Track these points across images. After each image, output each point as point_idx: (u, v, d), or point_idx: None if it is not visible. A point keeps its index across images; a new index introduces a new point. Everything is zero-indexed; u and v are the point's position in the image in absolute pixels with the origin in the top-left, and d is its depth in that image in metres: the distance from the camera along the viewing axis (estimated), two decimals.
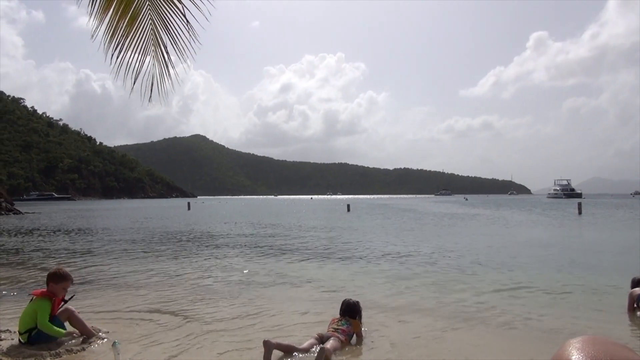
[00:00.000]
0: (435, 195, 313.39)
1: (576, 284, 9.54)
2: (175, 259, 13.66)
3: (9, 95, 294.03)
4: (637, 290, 7.06)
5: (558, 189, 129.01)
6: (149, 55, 4.05)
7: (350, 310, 5.76)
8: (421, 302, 7.71)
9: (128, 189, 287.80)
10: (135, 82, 3.94)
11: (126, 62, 3.94)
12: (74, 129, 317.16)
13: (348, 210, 50.34)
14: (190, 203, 73.16)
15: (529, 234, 22.73)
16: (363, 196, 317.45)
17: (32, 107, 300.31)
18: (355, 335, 5.62)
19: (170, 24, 3.99)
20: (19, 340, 5.26)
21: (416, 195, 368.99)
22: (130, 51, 3.97)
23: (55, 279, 5.40)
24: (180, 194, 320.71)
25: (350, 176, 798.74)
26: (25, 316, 5.30)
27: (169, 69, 4.06)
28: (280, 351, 4.89)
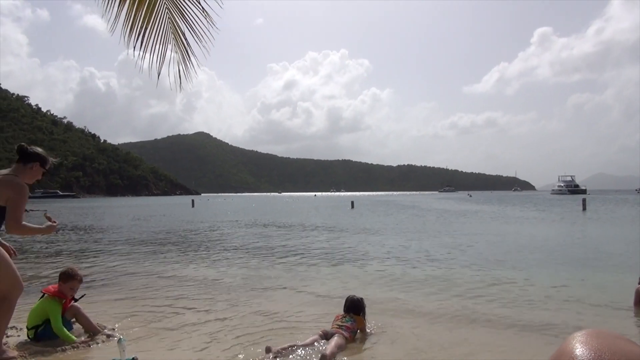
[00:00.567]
0: (439, 191, 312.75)
1: (581, 279, 9.52)
2: (181, 258, 13.71)
3: (14, 94, 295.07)
4: None
5: (562, 185, 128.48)
6: (169, 44, 4.09)
7: (355, 307, 5.75)
8: (425, 301, 7.71)
9: (132, 187, 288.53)
10: (160, 73, 4.00)
11: (147, 53, 3.97)
12: (77, 127, 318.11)
13: (352, 207, 50.35)
14: (194, 200, 73.31)
15: (533, 230, 22.66)
16: (367, 193, 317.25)
17: (37, 105, 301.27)
18: (359, 332, 5.62)
19: (187, 11, 4.02)
20: (27, 336, 5.29)
21: (420, 192, 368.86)
22: (151, 42, 4.00)
23: (64, 278, 5.42)
24: (184, 192, 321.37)
25: (354, 173, 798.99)
26: (34, 313, 5.31)
27: (190, 56, 4.11)
28: (283, 354, 4.84)
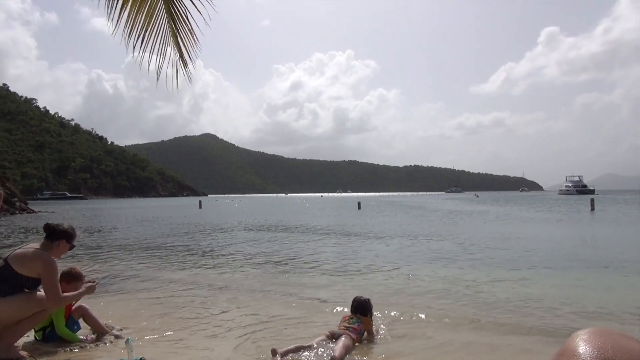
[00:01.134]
0: (446, 192, 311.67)
1: (590, 280, 9.45)
2: (188, 259, 13.74)
3: (22, 96, 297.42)
4: None
5: (570, 185, 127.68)
6: (168, 46, 4.16)
7: (362, 308, 5.72)
8: (433, 302, 7.67)
9: (139, 188, 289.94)
10: (159, 75, 4.07)
11: (147, 54, 4.06)
12: (85, 129, 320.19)
13: (359, 208, 50.26)
14: (201, 201, 73.48)
15: (541, 230, 22.52)
16: (373, 194, 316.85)
17: (45, 108, 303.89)
18: (366, 333, 5.60)
19: (181, 14, 4.12)
20: (35, 337, 5.29)
21: (426, 193, 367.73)
22: (150, 43, 4.08)
23: (67, 279, 5.41)
24: (190, 193, 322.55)
25: (361, 174, 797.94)
26: None
27: (188, 58, 4.20)
28: (289, 355, 4.81)
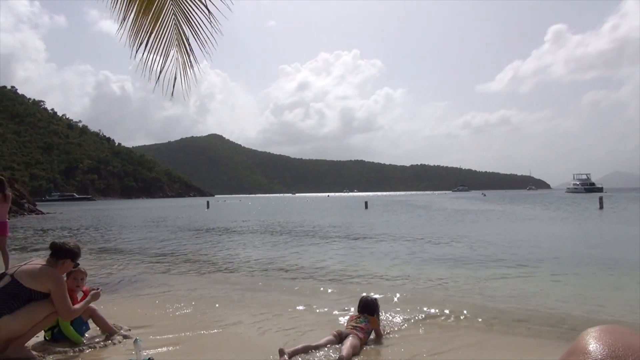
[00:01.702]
0: (453, 191, 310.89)
1: (601, 279, 9.38)
2: (197, 261, 13.77)
3: (30, 98, 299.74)
4: None
5: (577, 183, 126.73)
6: (172, 49, 4.16)
7: (369, 307, 5.72)
8: (440, 302, 7.64)
9: (146, 189, 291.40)
10: (159, 77, 4.07)
11: (151, 58, 4.06)
12: (92, 130, 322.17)
13: (366, 207, 50.19)
14: (209, 202, 73.69)
15: (549, 228, 22.39)
16: (380, 193, 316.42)
17: (52, 109, 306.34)
18: (374, 332, 5.60)
19: (192, 16, 4.08)
20: (44, 337, 5.30)
21: (433, 192, 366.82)
22: (155, 46, 4.08)
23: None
24: (197, 193, 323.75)
25: (367, 173, 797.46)
26: None
27: (192, 61, 4.18)
28: (297, 355, 4.77)
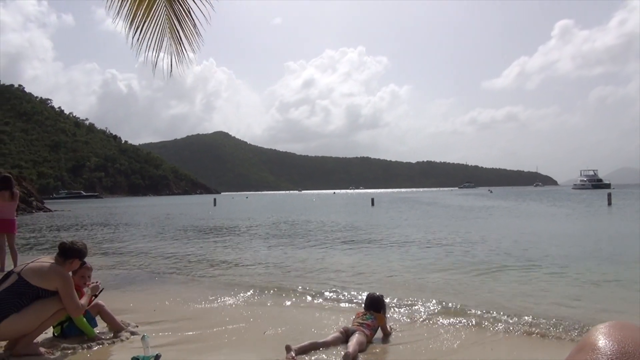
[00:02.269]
0: (459, 188, 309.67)
1: (610, 276, 9.31)
2: (205, 259, 13.81)
3: (37, 97, 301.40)
4: None
5: (585, 179, 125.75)
6: (165, 36, 4.44)
7: (375, 304, 5.71)
8: (447, 299, 7.63)
9: (153, 186, 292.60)
10: (157, 63, 4.39)
11: (145, 45, 4.35)
12: (99, 128, 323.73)
13: (372, 204, 50.13)
14: (216, 199, 73.85)
15: (558, 225, 22.26)
16: (386, 190, 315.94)
17: (59, 108, 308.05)
18: (380, 329, 5.59)
19: (180, 12, 4.37)
20: (53, 333, 5.32)
21: (439, 189, 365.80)
22: (148, 34, 4.35)
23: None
24: (204, 191, 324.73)
25: (373, 170, 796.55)
26: None
27: (184, 47, 4.47)
28: (304, 352, 4.77)
